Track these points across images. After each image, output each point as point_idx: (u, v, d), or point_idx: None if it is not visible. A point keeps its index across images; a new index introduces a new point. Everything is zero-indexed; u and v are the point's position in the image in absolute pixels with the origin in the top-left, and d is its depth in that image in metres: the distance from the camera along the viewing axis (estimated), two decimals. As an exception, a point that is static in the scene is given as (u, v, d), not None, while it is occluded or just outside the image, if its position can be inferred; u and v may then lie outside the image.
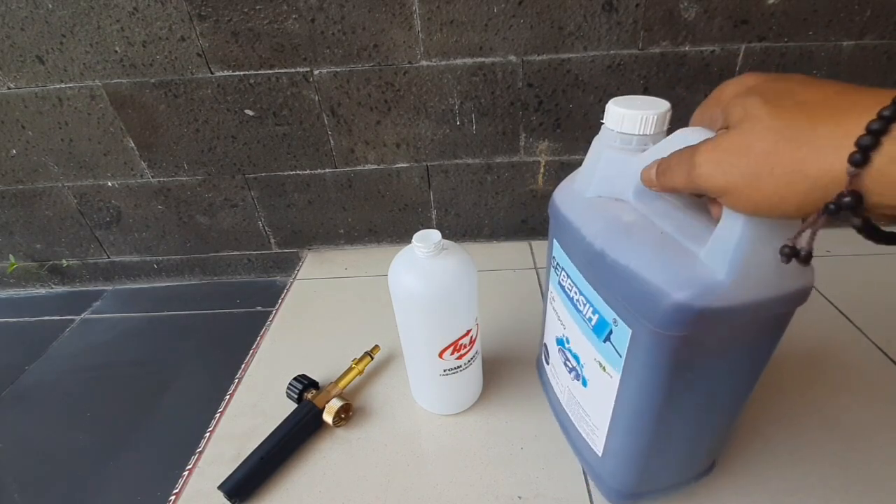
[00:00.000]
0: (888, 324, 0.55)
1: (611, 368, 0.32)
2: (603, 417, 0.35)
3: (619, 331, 0.29)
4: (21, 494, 0.53)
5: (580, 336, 0.35)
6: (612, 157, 0.31)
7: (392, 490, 0.43)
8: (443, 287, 0.39)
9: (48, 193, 0.75)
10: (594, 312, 0.32)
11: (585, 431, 0.38)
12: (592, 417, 0.37)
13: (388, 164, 0.71)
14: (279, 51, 0.62)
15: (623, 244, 0.29)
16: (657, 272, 0.26)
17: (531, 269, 0.72)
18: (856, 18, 0.59)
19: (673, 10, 0.58)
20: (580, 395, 0.38)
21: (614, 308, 0.30)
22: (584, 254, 0.31)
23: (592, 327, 0.32)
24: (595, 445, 0.37)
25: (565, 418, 0.43)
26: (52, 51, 0.62)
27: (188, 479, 0.45)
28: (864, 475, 0.41)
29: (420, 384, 0.49)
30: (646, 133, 0.30)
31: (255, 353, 0.60)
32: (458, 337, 0.42)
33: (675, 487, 0.38)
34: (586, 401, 0.37)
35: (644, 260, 0.27)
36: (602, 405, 0.34)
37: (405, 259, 0.41)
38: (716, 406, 0.32)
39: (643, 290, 0.26)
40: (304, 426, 0.47)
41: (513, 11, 0.59)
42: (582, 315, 0.34)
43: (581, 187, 0.33)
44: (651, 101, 0.31)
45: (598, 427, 0.36)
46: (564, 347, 0.38)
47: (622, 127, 0.30)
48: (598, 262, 0.30)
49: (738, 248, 0.23)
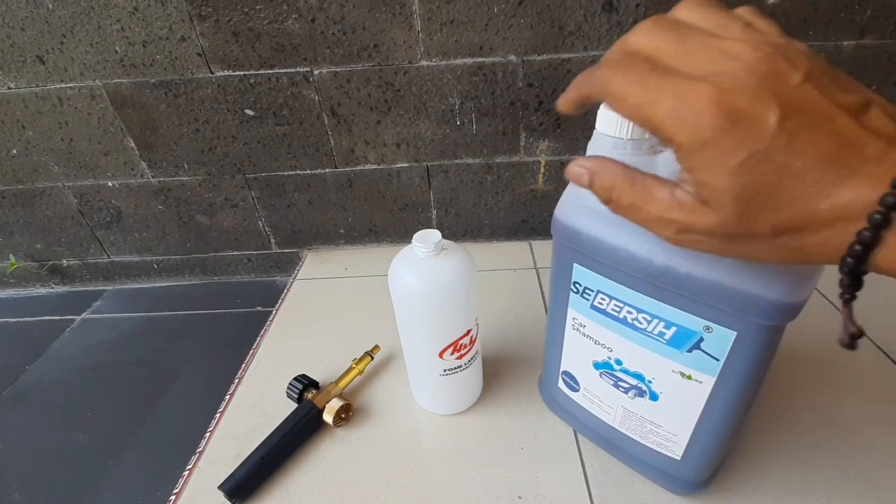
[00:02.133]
0: (888, 323, 0.55)
1: (700, 375, 0.31)
2: (685, 423, 0.35)
3: (716, 336, 0.29)
4: (21, 494, 0.53)
5: (644, 353, 0.34)
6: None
7: (392, 489, 0.43)
8: (443, 287, 0.39)
9: (48, 193, 0.75)
10: (667, 327, 0.31)
11: (656, 443, 0.38)
12: (667, 427, 0.36)
13: (388, 163, 0.71)
14: (279, 51, 0.62)
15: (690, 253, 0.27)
16: (759, 267, 0.26)
17: (531, 269, 0.72)
18: (856, 18, 0.59)
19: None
20: (645, 411, 0.37)
21: (705, 316, 0.29)
22: (642, 272, 0.30)
23: (668, 341, 0.32)
24: (672, 452, 0.37)
25: (616, 436, 0.41)
26: (53, 51, 0.62)
27: (188, 478, 0.45)
28: (864, 475, 0.41)
29: (420, 384, 0.49)
30: (643, 137, 0.29)
31: (255, 353, 0.60)
32: (458, 337, 0.42)
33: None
34: (656, 414, 0.36)
35: (721, 261, 0.26)
36: (684, 412, 0.34)
37: (405, 259, 0.41)
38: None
39: (744, 290, 0.26)
40: (305, 426, 0.47)
41: (513, 11, 0.59)
42: (646, 332, 0.32)
43: (595, 201, 0.32)
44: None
45: (676, 433, 0.36)
46: (614, 370, 0.37)
47: (621, 131, 0.29)
48: (665, 278, 0.29)
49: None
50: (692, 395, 0.33)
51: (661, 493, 0.40)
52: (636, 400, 0.37)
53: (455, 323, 0.42)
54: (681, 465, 0.38)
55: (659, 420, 0.36)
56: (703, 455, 0.36)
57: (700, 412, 0.33)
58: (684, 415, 0.34)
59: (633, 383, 0.36)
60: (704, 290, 0.28)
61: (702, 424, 0.34)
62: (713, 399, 0.32)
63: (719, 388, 0.31)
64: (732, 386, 0.31)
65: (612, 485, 0.42)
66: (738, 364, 0.30)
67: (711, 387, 0.32)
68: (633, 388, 0.36)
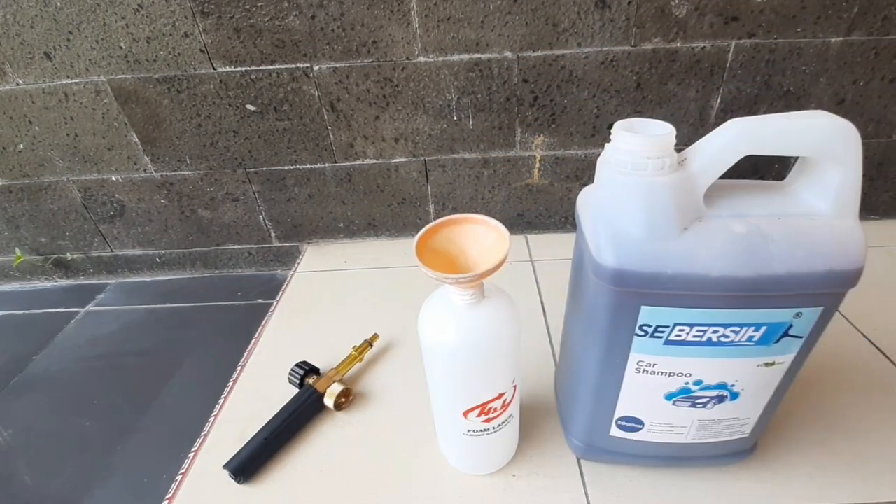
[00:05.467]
0: (883, 319, 0.57)
1: (783, 357, 0.33)
2: (760, 405, 0.37)
3: (805, 319, 0.31)
4: (31, 477, 0.54)
5: (728, 363, 0.34)
6: (652, 188, 0.29)
7: (390, 468, 0.44)
8: (476, 343, 0.34)
9: (53, 187, 0.77)
10: (756, 329, 0.32)
11: (728, 434, 0.39)
12: (742, 415, 0.37)
13: (386, 158, 0.73)
14: (280, 47, 0.63)
15: (769, 254, 0.29)
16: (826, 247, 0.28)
17: (527, 262, 0.73)
18: (843, 15, 0.60)
19: (664, 7, 0.60)
20: (724, 413, 0.37)
21: (795, 305, 0.30)
22: (733, 290, 0.30)
23: (757, 342, 0.32)
24: (742, 433, 0.39)
25: (683, 450, 0.41)
26: (60, 47, 0.63)
27: (194, 459, 0.47)
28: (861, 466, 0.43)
29: (444, 436, 0.43)
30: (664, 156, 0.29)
31: (257, 342, 0.61)
32: (488, 400, 0.37)
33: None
34: (734, 410, 0.37)
35: (805, 251, 0.29)
36: (762, 396, 0.36)
37: (439, 302, 0.36)
38: None
39: (829, 269, 0.28)
40: (306, 409, 0.48)
41: (508, 8, 0.60)
42: (733, 344, 0.33)
43: (651, 234, 0.30)
44: (644, 122, 0.31)
45: (749, 416, 0.38)
46: (692, 393, 0.36)
47: (643, 152, 0.29)
48: (755, 286, 0.29)
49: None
50: (771, 377, 0.34)
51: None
52: (713, 409, 0.37)
53: (486, 385, 0.36)
54: (748, 439, 0.40)
55: (736, 413, 0.37)
56: (764, 422, 0.38)
57: (775, 388, 0.35)
58: (761, 397, 0.36)
59: (714, 395, 0.36)
60: (799, 283, 0.29)
61: (773, 397, 0.36)
62: (788, 371, 0.34)
63: (796, 360, 0.34)
64: (803, 355, 0.33)
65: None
66: (814, 335, 0.32)
67: (790, 362, 0.34)
68: (714, 399, 0.36)
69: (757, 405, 0.37)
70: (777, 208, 0.30)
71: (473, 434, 0.39)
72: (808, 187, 0.31)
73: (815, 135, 0.28)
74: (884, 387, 0.49)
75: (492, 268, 0.31)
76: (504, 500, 0.41)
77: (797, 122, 0.28)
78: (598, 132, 0.70)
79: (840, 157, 0.28)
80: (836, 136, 0.28)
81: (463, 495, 0.42)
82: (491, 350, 0.35)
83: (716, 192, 0.31)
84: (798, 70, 0.64)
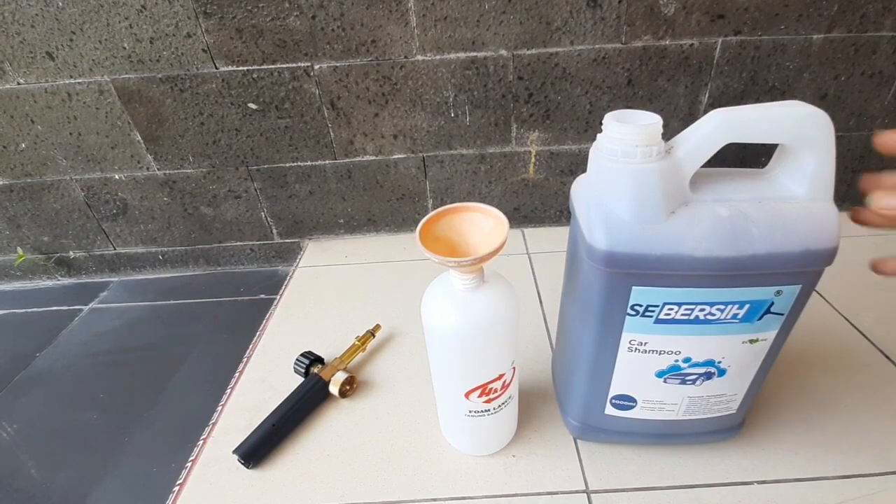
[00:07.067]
0: (864, 303, 0.59)
1: (766, 334, 0.35)
2: (745, 381, 0.38)
3: (785, 297, 0.33)
4: (38, 470, 0.55)
5: (715, 340, 0.35)
6: (640, 175, 0.31)
7: (394, 453, 0.46)
8: (477, 325, 0.36)
9: (56, 186, 0.77)
10: (740, 307, 0.33)
11: (717, 409, 0.41)
12: (730, 391, 0.39)
13: (385, 155, 0.74)
14: (281, 46, 0.65)
15: (750, 236, 0.31)
16: (802, 228, 0.30)
17: (524, 255, 0.75)
18: (824, 13, 0.63)
19: (653, 5, 0.62)
20: (713, 389, 0.39)
21: (776, 283, 0.32)
22: (717, 269, 0.31)
23: (741, 319, 0.34)
24: (730, 409, 0.41)
25: (674, 426, 0.42)
26: (62, 47, 0.65)
27: (203, 447, 0.48)
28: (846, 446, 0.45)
29: (446, 418, 0.46)
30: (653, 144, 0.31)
31: (261, 334, 0.63)
32: (489, 381, 0.39)
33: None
34: (723, 386, 0.38)
35: (783, 232, 0.30)
36: (747, 372, 0.38)
37: (441, 287, 0.37)
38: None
39: (806, 248, 0.30)
40: (312, 397, 0.50)
41: (503, 8, 0.62)
42: (719, 321, 0.34)
43: (640, 217, 0.32)
44: (633, 113, 0.32)
45: (736, 392, 0.39)
46: (681, 370, 0.38)
47: (631, 140, 0.30)
48: (738, 266, 0.31)
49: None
50: (755, 353, 0.36)
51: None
52: (702, 385, 0.38)
53: (487, 366, 0.38)
54: (735, 415, 0.41)
55: (723, 390, 0.39)
56: (750, 398, 0.40)
57: (759, 365, 0.37)
58: (747, 374, 0.38)
59: (702, 371, 0.37)
60: (778, 262, 0.31)
61: (758, 374, 0.38)
62: (772, 348, 0.36)
63: (778, 337, 0.35)
64: (784, 332, 0.35)
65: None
66: (794, 312, 0.34)
67: (772, 339, 0.35)
68: (702, 376, 0.38)
69: (743, 382, 0.39)
70: (758, 193, 0.32)
71: (475, 415, 0.41)
72: (787, 173, 0.32)
73: (790, 122, 0.30)
74: (864, 367, 0.51)
75: (491, 252, 0.32)
76: (504, 479, 0.43)
77: (773, 111, 0.30)
78: (592, 127, 0.72)
79: (814, 144, 0.30)
80: (809, 123, 0.29)
81: (464, 475, 0.43)
82: (491, 332, 0.36)
83: (702, 178, 0.33)
84: (782, 66, 0.66)
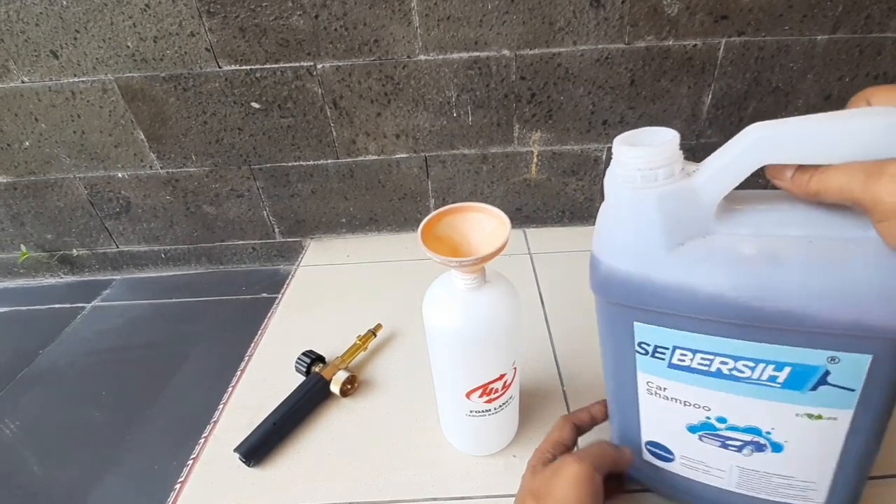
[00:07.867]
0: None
1: (833, 411, 0.28)
2: (823, 467, 0.31)
3: (844, 365, 0.26)
4: (41, 467, 0.55)
5: (754, 404, 0.30)
6: (638, 201, 0.27)
7: (394, 451, 0.46)
8: (478, 325, 0.35)
9: (59, 184, 0.78)
10: (778, 369, 0.28)
11: (790, 496, 0.34)
12: (800, 476, 0.32)
13: (388, 154, 0.74)
14: (284, 45, 0.65)
15: (775, 282, 0.25)
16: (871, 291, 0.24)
17: (525, 255, 0.75)
18: (829, 13, 0.62)
19: (657, 6, 0.62)
20: (769, 466, 0.33)
21: (825, 346, 0.26)
22: (727, 316, 0.27)
23: (783, 384, 0.28)
24: (812, 500, 0.33)
25: (735, 499, 0.36)
26: (66, 46, 0.65)
27: (205, 445, 0.48)
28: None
29: (446, 418, 0.45)
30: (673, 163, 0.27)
31: (263, 333, 0.63)
32: (490, 381, 0.38)
33: None
34: (784, 466, 0.32)
35: (842, 286, 0.24)
36: (819, 456, 0.31)
37: (442, 287, 0.37)
38: None
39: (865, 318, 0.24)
40: (313, 396, 0.50)
41: (506, 8, 0.62)
42: (751, 381, 0.29)
43: (636, 247, 0.28)
44: (650, 131, 0.29)
45: (814, 481, 0.32)
46: (717, 430, 0.33)
47: (649, 162, 0.26)
48: (752, 316, 0.26)
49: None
50: (826, 435, 0.29)
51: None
52: (752, 457, 0.32)
53: (488, 366, 0.38)
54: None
55: (789, 471, 0.32)
56: (848, 494, 0.32)
57: (840, 451, 0.30)
58: (820, 459, 0.31)
59: (746, 439, 0.32)
60: (824, 324, 0.25)
61: (844, 463, 0.30)
62: (854, 433, 0.29)
63: (859, 419, 0.28)
64: (874, 413, 0.28)
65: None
66: (879, 388, 0.27)
67: (850, 421, 0.28)
68: (748, 445, 0.32)
69: (821, 468, 0.31)
70: (810, 229, 0.25)
71: (476, 415, 0.40)
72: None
73: (863, 137, 0.22)
74: None
75: (493, 252, 0.32)
76: (505, 478, 0.43)
77: (840, 124, 0.22)
78: (594, 128, 0.72)
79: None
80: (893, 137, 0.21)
81: (465, 474, 0.43)
82: (492, 332, 0.36)
83: (741, 203, 0.27)
84: (786, 67, 0.66)
